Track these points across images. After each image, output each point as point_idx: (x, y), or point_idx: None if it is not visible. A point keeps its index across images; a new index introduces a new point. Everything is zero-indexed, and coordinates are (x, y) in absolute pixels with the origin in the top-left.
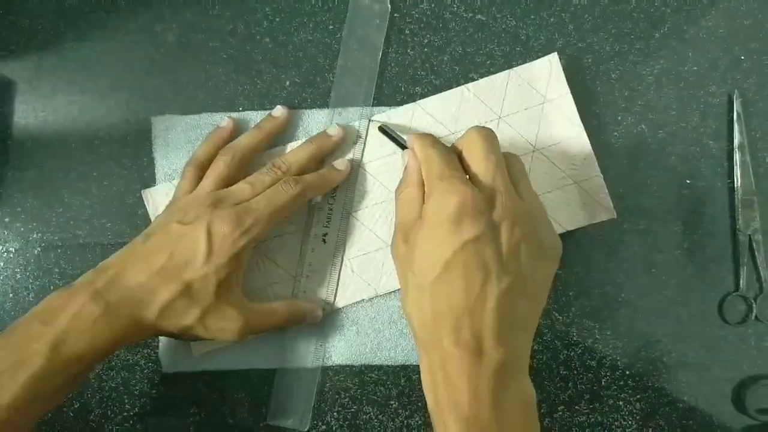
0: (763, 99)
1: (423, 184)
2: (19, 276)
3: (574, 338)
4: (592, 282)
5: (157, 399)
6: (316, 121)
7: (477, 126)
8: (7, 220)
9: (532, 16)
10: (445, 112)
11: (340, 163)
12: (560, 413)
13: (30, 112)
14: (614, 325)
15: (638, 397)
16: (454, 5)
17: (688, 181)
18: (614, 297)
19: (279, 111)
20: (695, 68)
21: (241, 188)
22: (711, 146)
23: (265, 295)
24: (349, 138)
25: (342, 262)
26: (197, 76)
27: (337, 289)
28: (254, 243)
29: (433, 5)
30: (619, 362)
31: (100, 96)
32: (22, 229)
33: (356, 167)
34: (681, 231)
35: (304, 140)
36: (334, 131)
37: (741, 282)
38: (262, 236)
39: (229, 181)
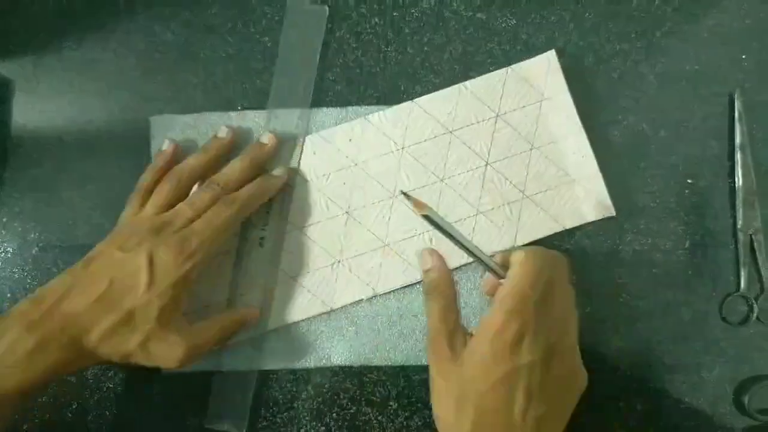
0: (765, 98)
1: (448, 285)
2: (17, 276)
3: None
4: (592, 282)
5: (156, 400)
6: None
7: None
8: (5, 220)
9: (533, 15)
10: (442, 110)
11: (278, 170)
12: None
13: (29, 112)
14: (615, 325)
15: (639, 398)
16: (454, 4)
17: (689, 181)
18: (615, 297)
19: (224, 131)
20: (696, 67)
21: (182, 210)
22: (712, 146)
23: (201, 304)
24: (287, 144)
25: (279, 265)
26: (196, 76)
27: (273, 294)
28: (200, 266)
29: (433, 4)
30: (619, 363)
31: (99, 96)
32: (20, 229)
33: (294, 172)
34: (682, 231)
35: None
36: (267, 139)
37: (742, 282)
38: (208, 258)
39: (173, 205)
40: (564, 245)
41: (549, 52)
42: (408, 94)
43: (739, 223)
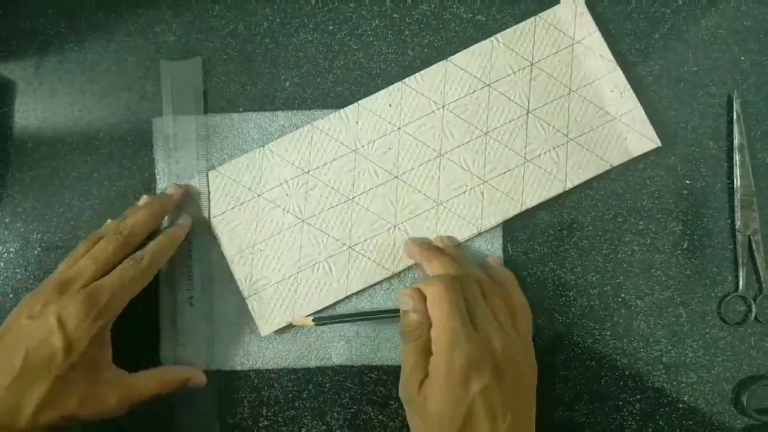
0: (763, 99)
1: (429, 328)
2: (19, 276)
3: (574, 338)
4: (591, 282)
5: (158, 399)
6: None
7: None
8: (7, 220)
9: (532, 17)
10: (477, 65)
11: (182, 218)
12: (560, 414)
13: (30, 113)
14: (614, 325)
15: (638, 397)
16: (454, 6)
17: (687, 182)
18: (614, 297)
19: (143, 200)
20: (695, 69)
21: (85, 266)
22: (710, 146)
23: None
24: (192, 193)
25: (213, 321)
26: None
27: (214, 349)
28: (112, 321)
29: (432, 6)
30: (618, 362)
31: (101, 97)
32: (22, 229)
33: (206, 221)
34: (680, 231)
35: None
36: (173, 190)
37: (740, 282)
38: (118, 313)
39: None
40: (563, 245)
41: None
42: None
43: (738, 223)
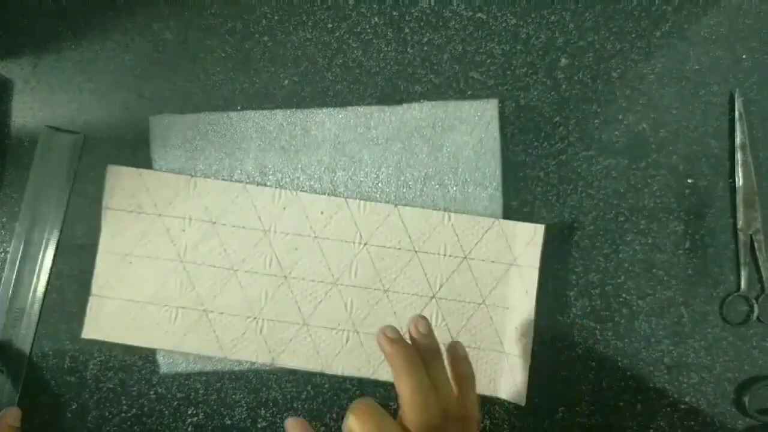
0: (765, 98)
1: None
2: None
3: (575, 339)
4: (592, 282)
5: (155, 400)
6: None
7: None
8: (4, 220)
9: (533, 15)
10: (418, 228)
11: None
12: (561, 414)
13: (27, 112)
14: (615, 325)
15: (639, 398)
16: (454, 3)
17: (689, 181)
18: (615, 297)
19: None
20: (696, 67)
21: None
22: (712, 145)
23: None
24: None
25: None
26: (195, 75)
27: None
28: None
29: (432, 3)
30: (620, 363)
31: (98, 95)
32: (19, 229)
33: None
34: (682, 231)
35: None
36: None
37: (742, 282)
38: None
39: None
40: (564, 246)
41: (539, 226)
42: (407, 93)
43: (740, 223)
